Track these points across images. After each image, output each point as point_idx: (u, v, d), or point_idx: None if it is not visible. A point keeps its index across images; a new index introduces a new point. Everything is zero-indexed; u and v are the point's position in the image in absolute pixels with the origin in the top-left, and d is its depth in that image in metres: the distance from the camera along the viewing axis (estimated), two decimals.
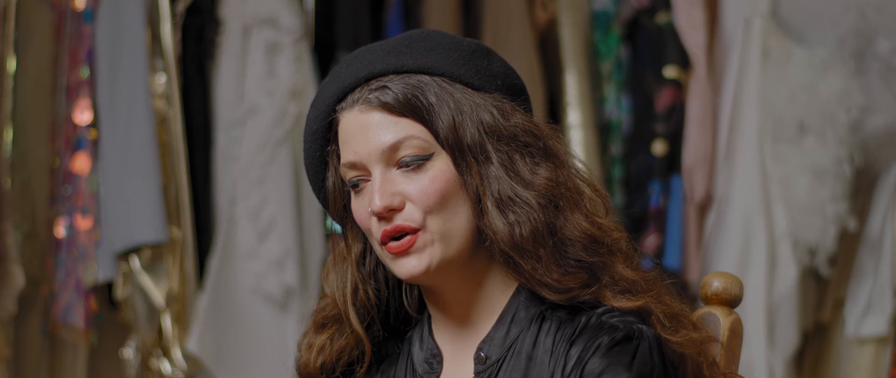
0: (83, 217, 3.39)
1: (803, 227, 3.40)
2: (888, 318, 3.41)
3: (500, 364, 1.61)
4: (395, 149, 1.59)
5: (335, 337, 1.69)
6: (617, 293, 1.58)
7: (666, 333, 1.56)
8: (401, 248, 1.58)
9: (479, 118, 1.59)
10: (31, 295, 3.40)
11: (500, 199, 1.57)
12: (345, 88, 1.62)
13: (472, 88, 1.61)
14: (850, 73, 3.42)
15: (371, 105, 1.60)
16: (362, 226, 1.62)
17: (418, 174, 1.59)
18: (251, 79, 3.42)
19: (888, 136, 3.47)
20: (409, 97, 1.59)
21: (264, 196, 3.38)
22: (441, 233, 1.58)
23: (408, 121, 1.59)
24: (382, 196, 1.58)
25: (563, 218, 1.58)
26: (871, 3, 3.43)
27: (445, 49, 1.63)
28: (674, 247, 3.45)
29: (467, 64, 1.62)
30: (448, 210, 1.59)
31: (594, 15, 3.56)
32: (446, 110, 1.59)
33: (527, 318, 1.61)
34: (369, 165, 1.60)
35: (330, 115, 1.65)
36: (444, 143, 1.58)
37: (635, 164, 3.49)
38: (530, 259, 1.57)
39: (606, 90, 3.54)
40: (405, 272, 1.59)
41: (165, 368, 3.37)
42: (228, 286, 3.39)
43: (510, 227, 1.57)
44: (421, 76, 1.60)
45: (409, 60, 1.61)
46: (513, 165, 1.59)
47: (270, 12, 3.41)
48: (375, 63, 1.62)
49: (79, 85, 3.41)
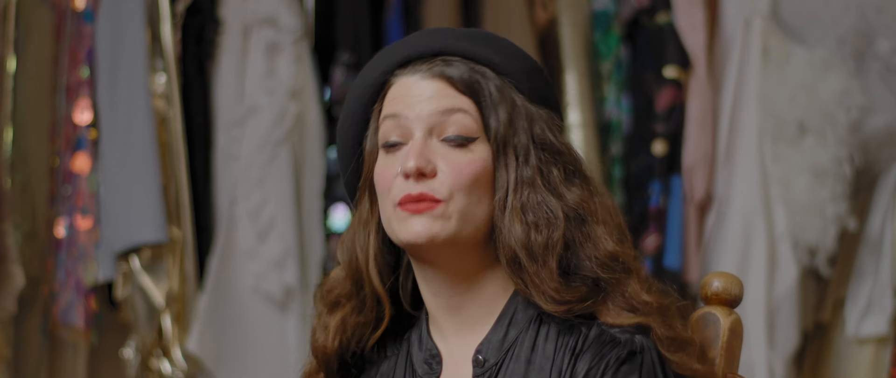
0: (83, 217, 3.39)
1: (803, 227, 3.40)
2: (888, 318, 3.41)
3: (498, 367, 1.61)
4: (445, 116, 1.59)
5: (349, 315, 1.67)
6: (621, 310, 1.57)
7: (665, 351, 1.56)
8: (417, 209, 1.58)
9: (530, 125, 1.61)
10: (31, 295, 3.40)
11: (527, 201, 1.58)
12: (411, 56, 1.63)
13: (528, 101, 1.63)
14: (850, 73, 3.42)
15: (433, 74, 1.61)
16: (382, 185, 1.61)
17: (457, 152, 1.59)
18: (251, 79, 3.42)
19: (888, 136, 3.46)
20: (473, 79, 1.60)
21: (264, 196, 3.38)
22: (461, 212, 1.58)
23: (465, 98, 1.60)
24: (418, 158, 1.57)
25: (588, 233, 1.59)
26: (871, 3, 3.43)
27: (513, 55, 1.64)
28: (674, 247, 3.45)
29: (530, 77, 1.64)
30: (474, 195, 1.59)
31: (594, 15, 3.56)
32: (504, 106, 1.60)
33: (525, 319, 1.61)
34: (413, 128, 1.60)
35: (386, 77, 1.64)
36: (491, 134, 1.59)
37: (635, 164, 3.49)
38: (536, 264, 1.57)
39: (606, 90, 3.54)
40: (410, 233, 1.58)
41: (165, 368, 3.37)
42: (228, 286, 3.39)
43: (527, 228, 1.57)
44: (487, 69, 1.62)
45: (480, 52, 1.62)
46: (549, 176, 1.60)
47: (270, 12, 3.41)
48: (447, 41, 1.63)
49: (79, 85, 3.41)
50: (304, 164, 3.46)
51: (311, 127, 3.45)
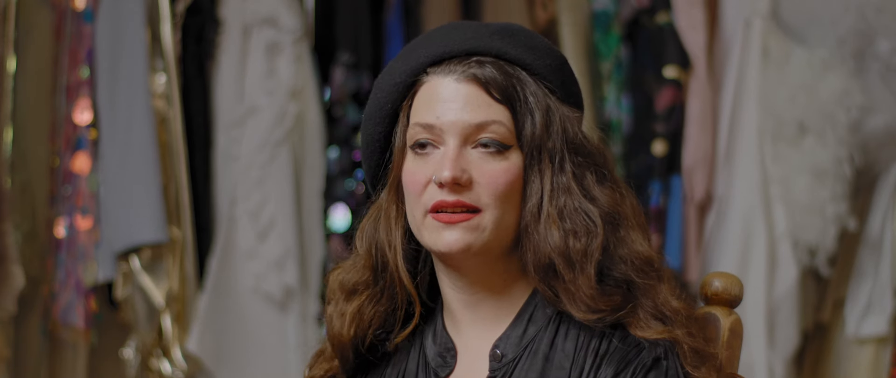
0: (83, 217, 3.39)
1: (803, 227, 3.40)
2: (888, 318, 3.41)
3: (516, 363, 1.60)
4: (481, 129, 1.58)
5: (367, 303, 1.66)
6: (650, 319, 1.57)
7: (688, 366, 1.55)
8: (451, 220, 1.57)
9: (563, 128, 1.60)
10: (31, 295, 3.39)
11: (564, 207, 1.58)
12: (444, 54, 1.60)
13: (558, 99, 1.62)
14: (850, 73, 3.42)
15: (469, 78, 1.59)
16: (412, 189, 1.60)
17: (493, 160, 1.58)
18: (251, 79, 3.42)
19: (888, 136, 3.46)
20: (509, 86, 1.59)
21: (264, 196, 3.38)
22: (496, 222, 1.58)
23: (500, 107, 1.59)
24: (454, 168, 1.56)
25: (621, 236, 1.59)
26: (871, 4, 3.43)
27: (543, 52, 1.63)
28: (674, 247, 3.45)
29: (558, 73, 1.63)
30: (509, 204, 1.58)
31: (594, 15, 3.56)
32: (538, 111, 1.59)
33: (544, 317, 1.61)
34: (446, 135, 1.58)
35: (419, 73, 1.61)
36: (524, 141, 1.58)
37: (635, 164, 3.49)
38: (573, 272, 1.56)
39: (606, 90, 3.54)
40: (445, 244, 1.57)
41: (165, 368, 3.37)
42: (228, 286, 3.39)
43: (565, 235, 1.57)
44: (520, 71, 1.60)
45: (512, 51, 1.61)
46: (583, 180, 1.60)
47: (270, 12, 3.41)
48: (481, 40, 1.60)
49: (79, 85, 3.41)
50: (304, 164, 3.46)
51: (311, 127, 3.45)
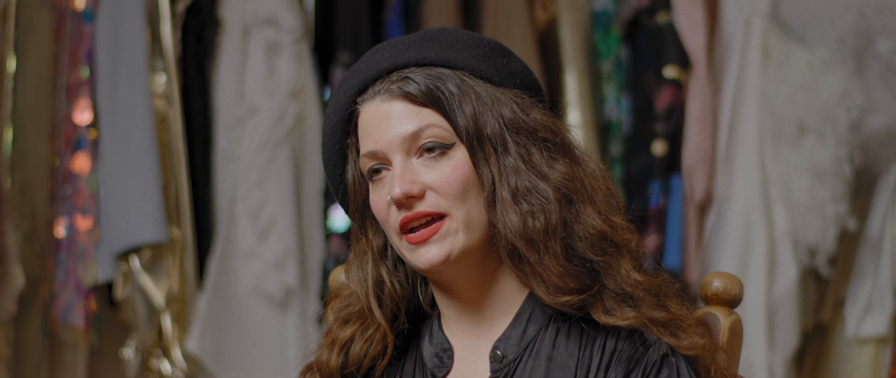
0: (83, 217, 3.39)
1: (803, 227, 3.40)
2: (888, 318, 3.41)
3: (517, 363, 1.60)
4: (416, 137, 1.59)
5: (359, 333, 1.68)
6: (615, 301, 1.57)
7: (669, 340, 1.55)
8: (422, 238, 1.58)
9: (499, 111, 1.60)
10: (31, 295, 3.40)
11: (517, 189, 1.58)
12: (366, 80, 1.63)
13: (492, 84, 1.62)
14: (850, 73, 3.42)
15: (393, 95, 1.60)
16: (380, 217, 1.62)
17: (439, 163, 1.59)
18: (251, 79, 3.42)
19: (888, 136, 3.46)
20: (431, 87, 1.60)
21: (264, 196, 3.38)
22: (465, 221, 1.58)
23: (429, 111, 1.60)
24: (402, 183, 1.58)
25: (576, 213, 1.59)
26: (871, 3, 3.43)
27: (466, 45, 1.63)
28: (674, 247, 3.45)
29: (487, 60, 1.63)
30: (469, 200, 1.59)
31: (594, 15, 3.56)
32: (467, 101, 1.60)
33: (544, 317, 1.61)
34: (390, 155, 1.60)
35: (350, 106, 1.64)
36: (462, 134, 1.59)
37: (635, 164, 3.49)
38: (537, 251, 1.56)
39: (606, 90, 3.54)
40: (425, 262, 1.59)
41: (165, 368, 3.37)
42: (228, 286, 3.39)
43: (524, 217, 1.57)
44: (442, 69, 1.61)
45: (431, 54, 1.62)
46: (530, 158, 1.60)
47: (270, 12, 3.41)
48: (397, 55, 1.62)
49: (79, 85, 3.41)
50: (304, 164, 3.46)
51: (311, 127, 3.45)
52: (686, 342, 1.56)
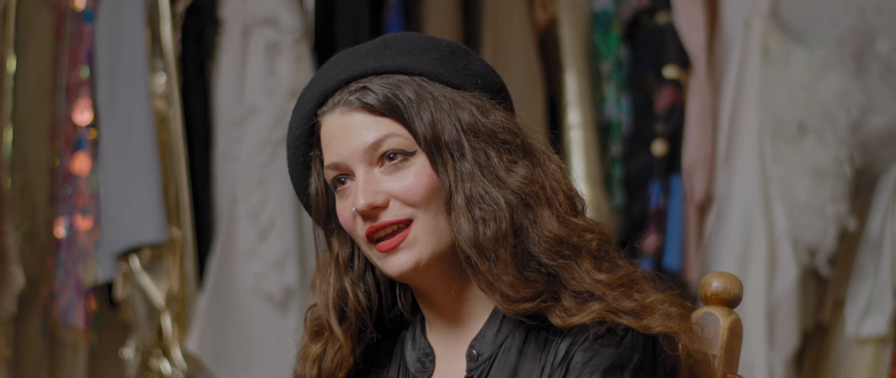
0: (83, 217, 3.39)
1: (803, 227, 3.40)
2: (888, 318, 3.41)
3: (492, 361, 1.61)
4: (377, 147, 1.59)
5: (329, 345, 1.68)
6: (575, 302, 1.55)
7: (635, 325, 1.54)
8: (390, 246, 1.58)
9: (457, 116, 1.60)
10: (31, 295, 3.40)
11: (471, 196, 1.57)
12: (325, 92, 1.63)
13: (452, 87, 1.62)
14: (850, 73, 3.42)
15: (352, 106, 1.61)
16: (346, 227, 1.62)
17: (401, 171, 1.59)
18: (251, 79, 3.42)
19: (888, 136, 3.47)
20: (389, 96, 1.60)
21: (264, 196, 3.38)
22: (431, 228, 1.58)
23: (388, 120, 1.60)
24: (366, 194, 1.58)
25: (533, 218, 1.57)
26: (871, 3, 3.43)
27: (423, 50, 1.63)
28: (674, 247, 3.45)
29: (446, 63, 1.63)
30: (434, 205, 1.59)
31: (594, 15, 3.56)
32: (425, 108, 1.59)
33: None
34: (352, 166, 1.60)
35: (311, 119, 1.65)
36: (421, 141, 1.59)
37: (635, 164, 3.49)
38: (488, 260, 1.56)
39: (606, 90, 3.54)
40: (396, 269, 1.59)
41: (165, 368, 3.37)
42: (228, 286, 3.39)
43: (475, 224, 1.57)
44: (400, 76, 1.61)
45: (388, 61, 1.62)
46: (488, 162, 1.59)
47: (270, 12, 3.41)
48: (354, 65, 1.62)
49: (79, 85, 3.41)
50: None
51: None
52: (647, 322, 1.54)
